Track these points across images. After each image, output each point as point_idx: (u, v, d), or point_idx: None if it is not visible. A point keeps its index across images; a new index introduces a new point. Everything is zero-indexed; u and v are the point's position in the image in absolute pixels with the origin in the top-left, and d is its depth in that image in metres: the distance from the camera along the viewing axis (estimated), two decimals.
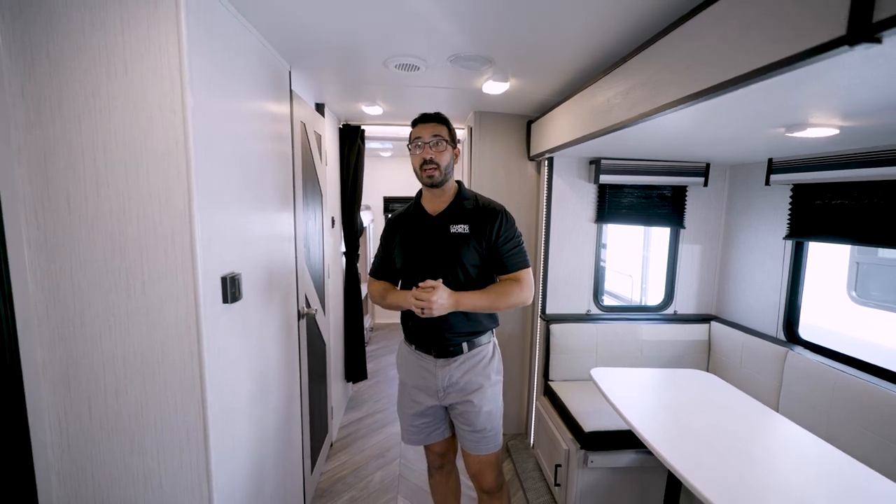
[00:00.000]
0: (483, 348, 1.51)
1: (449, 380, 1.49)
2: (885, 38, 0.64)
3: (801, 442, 1.44)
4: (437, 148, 1.41)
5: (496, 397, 1.53)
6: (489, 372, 1.51)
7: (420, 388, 1.55)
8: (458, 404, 1.50)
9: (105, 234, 1.03)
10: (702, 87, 1.01)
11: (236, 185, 1.28)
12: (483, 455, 1.52)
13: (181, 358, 1.08)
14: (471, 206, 1.49)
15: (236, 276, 1.24)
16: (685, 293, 2.57)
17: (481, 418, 1.48)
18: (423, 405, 1.56)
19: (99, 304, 1.05)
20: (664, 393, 1.82)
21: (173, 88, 1.00)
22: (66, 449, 1.08)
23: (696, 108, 1.16)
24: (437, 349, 1.49)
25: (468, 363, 1.48)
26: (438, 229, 1.47)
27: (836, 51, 0.68)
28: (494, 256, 1.46)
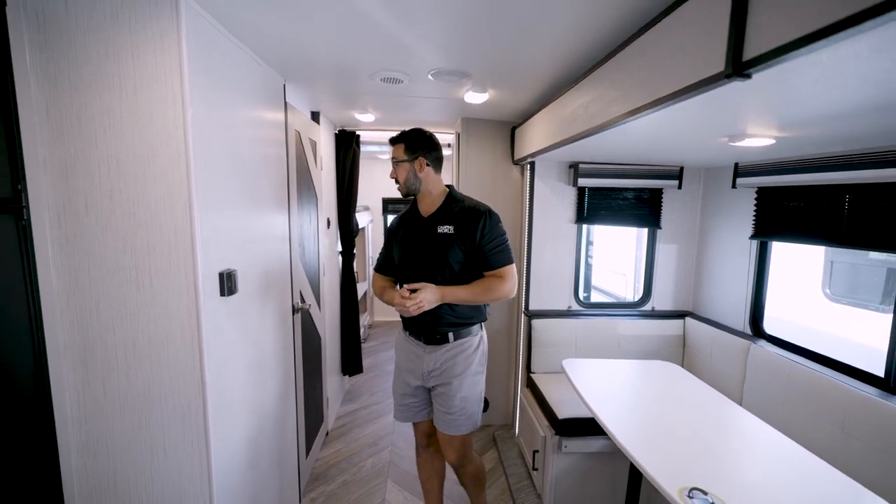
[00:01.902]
0: (469, 339, 1.66)
1: (434, 364, 1.66)
2: (754, 74, 0.77)
3: (755, 431, 1.53)
4: (395, 168, 1.66)
5: (474, 387, 1.68)
6: (471, 362, 1.66)
7: (409, 370, 1.73)
8: (438, 386, 1.68)
9: (117, 235, 1.18)
10: (636, 105, 1.15)
11: (233, 190, 1.43)
12: (447, 434, 1.69)
13: (183, 344, 1.23)
14: (458, 208, 1.64)
15: (232, 272, 1.39)
16: (662, 290, 2.70)
17: (456, 402, 1.64)
18: (411, 386, 1.74)
19: (112, 296, 1.20)
20: (631, 383, 1.95)
21: (176, 108, 1.15)
22: (83, 422, 1.24)
23: (645, 120, 1.29)
24: (426, 336, 1.66)
25: (453, 351, 1.65)
26: (428, 230, 1.64)
27: (720, 82, 0.82)
28: (479, 254, 1.58)
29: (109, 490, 1.27)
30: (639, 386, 1.91)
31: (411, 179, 1.65)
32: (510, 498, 2.26)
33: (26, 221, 1.11)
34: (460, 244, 1.59)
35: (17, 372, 1.11)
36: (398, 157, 1.65)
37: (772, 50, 0.72)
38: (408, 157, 1.63)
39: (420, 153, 1.63)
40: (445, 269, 1.60)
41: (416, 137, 1.64)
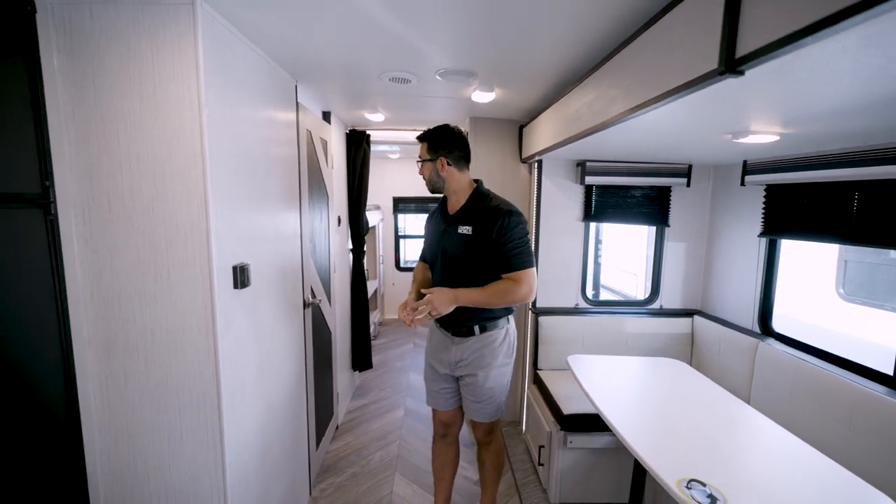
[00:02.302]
0: (494, 332, 1.69)
1: (460, 355, 1.72)
2: (747, 71, 0.79)
3: (760, 428, 1.53)
4: (421, 167, 1.72)
5: (501, 377, 1.73)
6: (497, 353, 1.70)
7: (438, 359, 1.80)
8: (466, 377, 1.74)
9: (138, 230, 1.25)
10: (637, 102, 1.17)
11: (246, 188, 1.49)
12: (477, 420, 1.79)
13: (199, 334, 1.29)
14: (481, 207, 1.64)
15: (245, 266, 1.44)
16: (671, 289, 2.69)
17: (483, 392, 1.71)
18: (438, 374, 1.82)
19: (133, 288, 1.27)
20: (637, 380, 1.96)
21: (192, 108, 1.21)
22: (106, 407, 1.31)
23: (647, 117, 1.31)
24: (453, 328, 1.72)
25: (479, 343, 1.69)
26: (450, 228, 1.68)
27: (715, 79, 0.84)
28: (497, 255, 1.57)
29: (130, 472, 1.33)
30: (644, 383, 1.92)
31: (434, 178, 1.69)
32: (516, 492, 2.29)
33: (54, 217, 1.18)
34: (478, 246, 1.60)
35: (45, 361, 1.18)
36: (422, 155, 1.69)
37: (762, 47, 0.74)
38: (430, 156, 1.67)
39: (441, 152, 1.65)
40: (464, 269, 1.63)
41: (437, 136, 1.67)
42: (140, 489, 1.34)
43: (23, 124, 1.11)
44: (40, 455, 1.16)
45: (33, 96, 1.12)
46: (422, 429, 2.94)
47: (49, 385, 1.19)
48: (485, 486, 2.00)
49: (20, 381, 1.10)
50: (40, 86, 1.14)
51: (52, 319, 1.18)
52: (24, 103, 1.11)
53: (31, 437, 1.13)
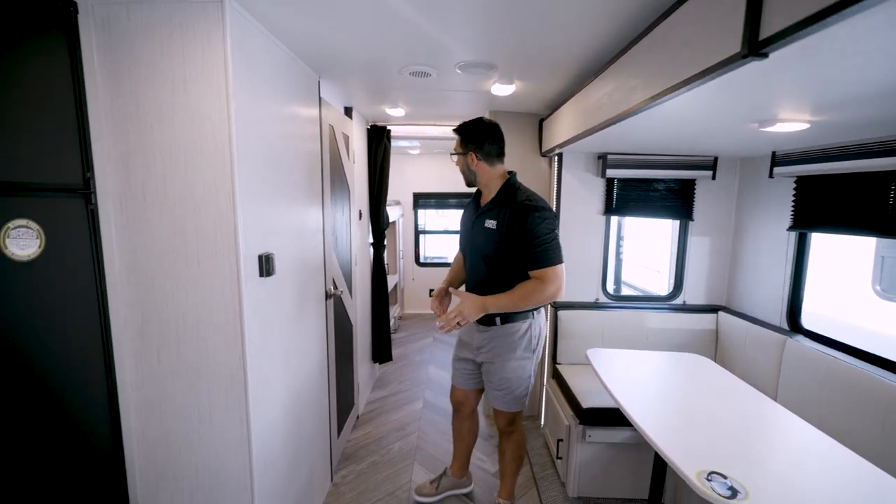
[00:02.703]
0: (515, 325, 1.71)
1: (481, 342, 1.79)
2: (772, 53, 0.78)
3: (787, 424, 1.48)
4: (455, 160, 1.77)
5: (519, 370, 1.74)
6: (516, 346, 1.72)
7: (464, 342, 1.92)
8: (485, 364, 1.82)
9: (170, 218, 1.31)
10: (657, 91, 1.15)
11: (271, 180, 1.54)
12: (495, 408, 1.84)
13: (227, 318, 1.34)
14: (508, 201, 1.63)
15: (270, 255, 1.50)
16: (694, 284, 2.64)
17: (500, 382, 1.77)
18: (461, 354, 1.94)
19: (166, 274, 1.33)
20: (658, 374, 1.94)
21: (220, 101, 1.26)
22: (140, 387, 1.38)
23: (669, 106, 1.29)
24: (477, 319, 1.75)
25: (498, 333, 1.74)
26: (478, 222, 1.71)
27: (738, 63, 0.83)
28: (523, 252, 1.54)
29: (163, 446, 1.40)
30: (667, 378, 1.90)
31: (466, 171, 1.73)
32: (534, 485, 2.29)
33: (94, 206, 1.25)
34: (503, 240, 1.59)
35: (87, 341, 1.25)
36: (455, 148, 1.71)
37: (787, 27, 0.72)
38: (462, 149, 1.69)
39: (471, 148, 1.66)
40: (490, 263, 1.63)
41: (468, 131, 1.68)
42: (172, 463, 1.41)
43: (67, 118, 1.17)
44: (82, 428, 1.24)
45: (76, 92, 1.19)
46: (440, 421, 2.97)
47: (91, 364, 1.26)
48: (503, 477, 2.02)
49: (67, 359, 1.18)
50: (81, 82, 1.21)
51: (93, 302, 1.26)
52: (67, 99, 1.17)
53: (75, 411, 1.21)
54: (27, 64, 1.07)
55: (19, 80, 1.05)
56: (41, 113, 1.11)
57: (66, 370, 1.18)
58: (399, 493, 2.22)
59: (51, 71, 1.13)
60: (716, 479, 1.12)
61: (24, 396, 1.07)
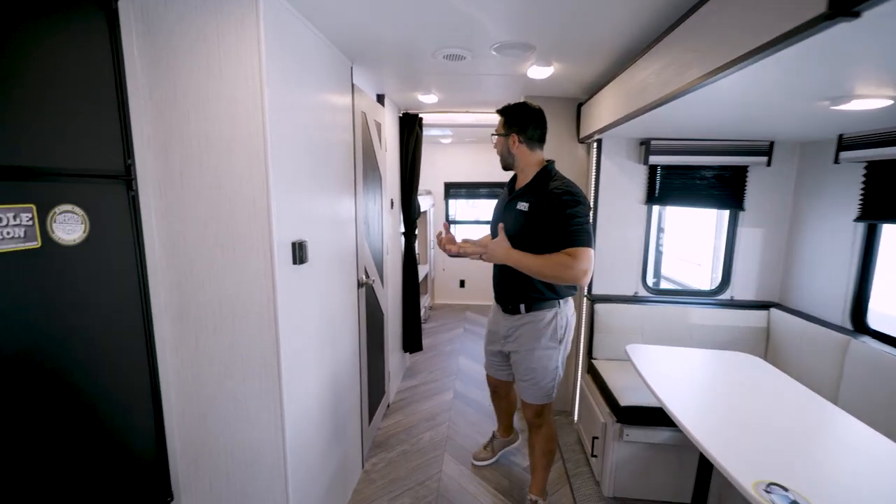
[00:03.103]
0: (541, 313, 1.71)
1: (507, 330, 1.81)
2: (864, 12, 0.67)
3: (852, 430, 1.36)
4: (495, 141, 1.78)
5: (546, 360, 1.73)
6: (540, 336, 1.71)
7: (492, 331, 1.95)
8: (512, 353, 1.84)
9: (206, 204, 1.32)
10: (716, 65, 1.05)
11: (304, 167, 1.53)
12: (523, 399, 1.84)
13: (261, 304, 1.35)
14: (542, 186, 1.64)
15: (303, 243, 1.49)
16: (744, 278, 2.47)
17: (525, 372, 1.78)
18: (491, 346, 1.98)
19: (203, 259, 1.35)
20: (704, 373, 1.82)
21: (254, 87, 1.24)
22: (179, 370, 1.41)
23: (727, 83, 1.18)
24: (503, 304, 1.82)
25: (523, 321, 1.74)
26: (511, 204, 1.72)
27: (820, 26, 0.72)
28: (555, 233, 1.53)
29: (201, 429, 1.43)
30: (714, 377, 1.78)
31: (505, 153, 1.74)
32: (567, 482, 2.23)
33: (135, 192, 1.27)
34: (533, 223, 1.60)
35: (129, 324, 1.28)
36: (497, 129, 1.74)
37: None
38: (504, 131, 1.70)
39: (514, 130, 1.68)
40: (516, 243, 1.61)
41: (512, 113, 1.69)
42: (209, 444, 1.44)
43: (109, 105, 1.19)
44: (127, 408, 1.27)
45: (116, 78, 1.20)
46: (471, 412, 2.95)
47: (134, 347, 1.29)
48: (534, 472, 1.97)
49: (111, 341, 1.21)
50: (122, 67, 1.22)
51: (135, 286, 1.28)
52: (109, 85, 1.19)
53: (119, 393, 1.25)
54: (70, 48, 1.09)
55: (63, 65, 1.07)
56: (84, 99, 1.12)
57: (111, 352, 1.21)
58: (429, 483, 2.22)
59: (93, 56, 1.15)
60: (776, 491, 1.03)
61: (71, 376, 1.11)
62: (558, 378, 1.78)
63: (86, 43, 1.13)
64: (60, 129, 1.07)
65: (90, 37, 1.14)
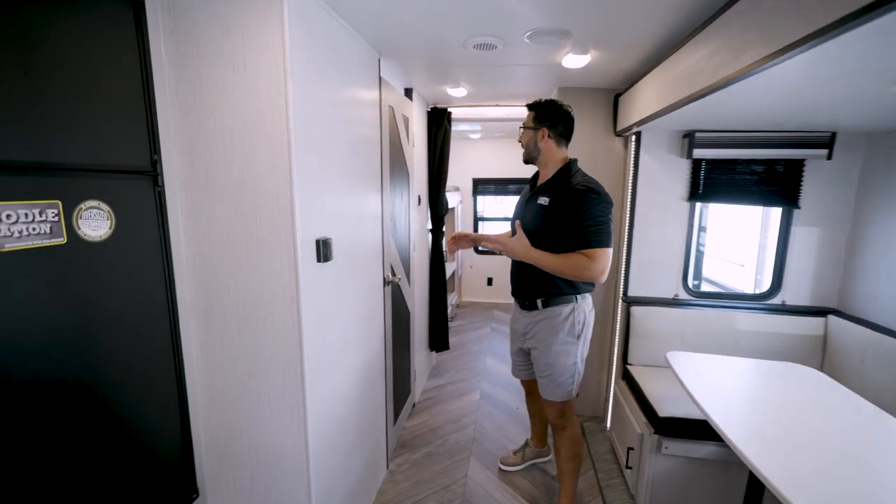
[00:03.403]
0: (558, 309, 1.71)
1: (525, 327, 1.81)
2: None
3: None
4: (521, 134, 1.77)
5: (563, 356, 1.73)
6: (558, 331, 1.71)
7: (513, 329, 1.95)
8: (531, 350, 1.83)
9: (231, 202, 1.30)
10: (782, 45, 0.93)
11: (329, 163, 1.49)
12: (543, 397, 1.82)
13: (284, 304, 1.32)
14: (563, 181, 1.66)
15: (328, 240, 1.45)
16: (797, 282, 2.28)
17: (544, 368, 1.76)
18: (514, 346, 1.98)
19: (228, 259, 1.33)
20: (753, 385, 1.68)
21: (278, 79, 1.21)
22: (205, 369, 1.40)
23: (791, 66, 1.05)
24: (520, 301, 1.83)
25: (540, 317, 1.74)
26: (532, 198, 1.74)
27: None
28: (573, 231, 1.56)
29: (225, 427, 1.43)
30: (765, 390, 1.64)
31: (531, 146, 1.74)
32: (599, 493, 2.12)
33: (161, 189, 1.26)
34: (553, 217, 1.61)
35: (156, 323, 1.27)
36: (526, 123, 1.75)
37: None
38: (534, 125, 1.72)
39: (545, 124, 1.70)
40: (534, 238, 1.65)
41: (545, 108, 1.71)
42: (234, 444, 1.43)
43: (135, 99, 1.18)
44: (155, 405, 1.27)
45: (143, 72, 1.19)
46: (497, 414, 2.87)
47: (161, 346, 1.29)
48: (562, 479, 1.91)
49: (137, 340, 1.21)
50: (148, 62, 1.21)
51: (161, 285, 1.28)
52: (136, 81, 1.18)
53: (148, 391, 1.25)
54: (97, 42, 1.08)
55: (90, 59, 1.06)
56: (111, 94, 1.11)
57: (137, 350, 1.21)
58: (454, 488, 2.16)
59: (120, 50, 1.13)
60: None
61: (97, 374, 1.10)
62: (578, 375, 1.77)
63: (113, 37, 1.12)
64: (86, 125, 1.06)
65: (117, 30, 1.13)
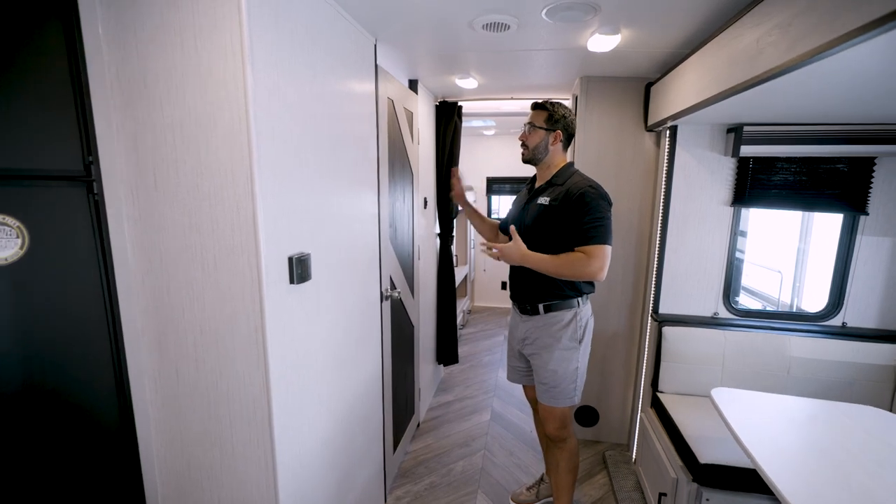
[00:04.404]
0: (560, 313, 1.64)
1: (525, 332, 1.73)
2: None
3: None
4: (528, 132, 1.66)
5: (566, 361, 1.64)
6: (561, 336, 1.63)
7: (512, 335, 1.85)
8: (531, 356, 1.73)
9: (184, 210, 1.07)
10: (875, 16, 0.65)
11: (308, 165, 1.26)
12: (545, 405, 1.70)
13: (248, 335, 1.09)
14: (561, 182, 1.62)
15: (305, 257, 1.22)
16: (862, 300, 1.95)
17: (546, 374, 1.67)
18: (514, 349, 1.86)
19: (181, 277, 1.11)
20: (815, 431, 1.39)
21: (235, 62, 0.97)
22: (161, 406, 1.19)
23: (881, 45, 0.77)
24: (520, 306, 1.74)
25: (542, 323, 1.67)
26: (531, 198, 1.69)
27: None
28: (573, 229, 1.53)
29: (185, 477, 1.21)
30: (829, 437, 1.35)
31: (541, 148, 1.67)
32: None
33: (99, 196, 1.04)
34: (553, 216, 1.58)
35: (95, 356, 1.07)
36: (537, 122, 1.65)
37: None
38: (547, 126, 1.64)
39: (559, 127, 1.64)
40: (534, 238, 1.60)
41: (560, 111, 1.65)
42: (195, 496, 1.22)
43: (61, 90, 0.97)
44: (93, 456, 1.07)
45: (72, 59, 0.97)
46: (509, 438, 2.62)
47: (100, 381, 1.08)
48: (559, 494, 1.81)
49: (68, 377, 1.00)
50: (80, 47, 0.99)
51: (99, 310, 1.07)
52: (62, 65, 0.96)
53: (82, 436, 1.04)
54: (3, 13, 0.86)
55: None
56: (26, 79, 0.90)
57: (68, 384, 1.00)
58: None
59: (37, 26, 0.92)
60: None
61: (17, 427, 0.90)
62: (580, 380, 1.69)
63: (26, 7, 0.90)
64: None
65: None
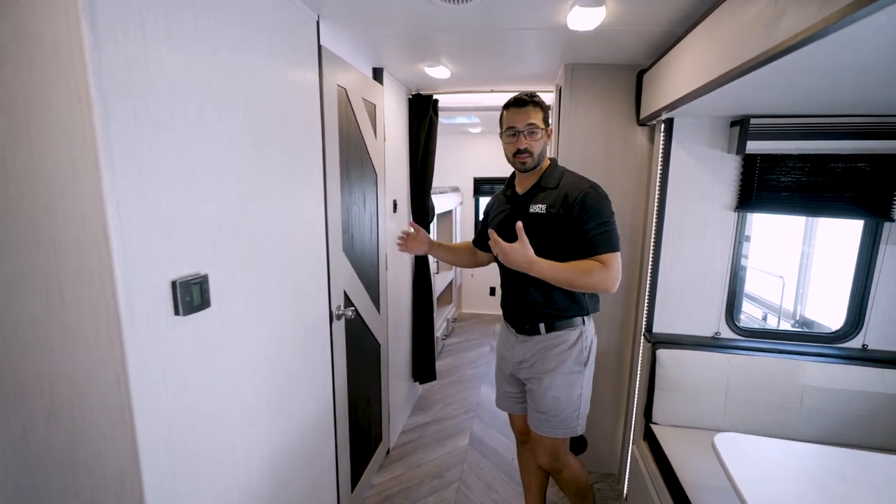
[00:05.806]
0: (563, 334, 1.46)
1: (523, 355, 1.53)
2: None
3: None
4: (531, 137, 1.40)
5: (569, 387, 1.47)
6: (565, 358, 1.46)
7: (504, 357, 1.64)
8: (529, 380, 1.53)
9: (20, 223, 0.80)
10: None
11: (214, 162, 0.99)
12: (539, 435, 1.52)
13: (107, 387, 0.82)
14: (553, 184, 1.43)
15: (198, 280, 0.95)
16: (886, 319, 1.70)
17: (546, 401, 1.47)
18: (505, 373, 1.65)
19: (24, 309, 0.84)
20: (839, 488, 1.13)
21: (68, 23, 0.71)
22: (10, 474, 0.92)
23: None
24: (517, 325, 1.54)
25: (543, 344, 1.48)
26: (520, 208, 1.48)
27: None
28: (578, 237, 1.37)
29: None
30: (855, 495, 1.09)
31: (543, 154, 1.45)
32: None
33: None
34: (553, 226, 1.39)
35: None
36: (538, 123, 1.40)
37: None
38: (544, 126, 1.43)
39: (548, 125, 1.45)
40: (537, 252, 1.34)
41: (546, 107, 1.45)
42: None
43: None
44: None
45: None
46: (487, 468, 2.35)
47: None
48: None
49: None
50: None
51: None
52: None
53: None
54: None
55: None
56: None
57: None
58: None
59: None
60: None
61: None
62: (584, 408, 1.51)
63: None
64: None
65: None
